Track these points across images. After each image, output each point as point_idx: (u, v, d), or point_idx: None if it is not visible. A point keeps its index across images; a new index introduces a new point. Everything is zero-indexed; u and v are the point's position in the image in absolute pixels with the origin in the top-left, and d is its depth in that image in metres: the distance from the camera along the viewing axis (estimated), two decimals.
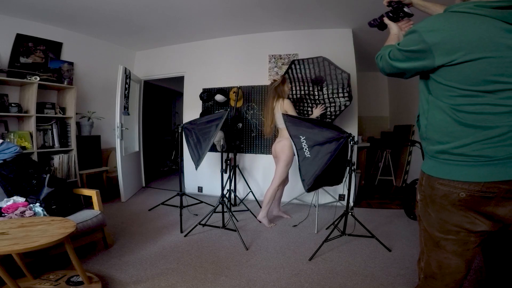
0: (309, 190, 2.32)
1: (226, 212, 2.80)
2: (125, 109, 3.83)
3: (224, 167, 2.82)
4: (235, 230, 2.54)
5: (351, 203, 3.34)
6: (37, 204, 2.06)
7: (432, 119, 0.94)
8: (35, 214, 1.96)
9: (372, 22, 1.32)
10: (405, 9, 1.21)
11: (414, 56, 0.92)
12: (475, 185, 0.85)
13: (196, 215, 3.21)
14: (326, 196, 3.66)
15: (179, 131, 2.86)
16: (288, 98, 2.92)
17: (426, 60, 0.89)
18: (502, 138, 0.81)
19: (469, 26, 0.82)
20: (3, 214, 1.88)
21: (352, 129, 3.61)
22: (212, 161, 4.12)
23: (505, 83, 0.79)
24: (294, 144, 2.37)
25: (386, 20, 1.24)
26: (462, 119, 0.86)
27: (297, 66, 3.23)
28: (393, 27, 1.21)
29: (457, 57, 0.83)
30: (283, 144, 2.77)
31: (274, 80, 2.89)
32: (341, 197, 3.68)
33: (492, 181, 0.83)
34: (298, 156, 2.35)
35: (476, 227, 0.90)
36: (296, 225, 2.92)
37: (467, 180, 0.86)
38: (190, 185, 4.35)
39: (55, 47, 3.52)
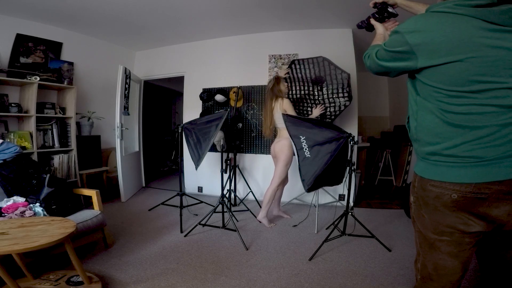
0: (309, 190, 2.32)
1: (226, 212, 2.80)
2: (125, 109, 3.83)
3: (224, 167, 2.82)
4: (235, 230, 2.54)
5: (351, 203, 3.33)
6: (37, 204, 2.06)
7: (421, 120, 0.94)
8: (35, 214, 1.96)
9: (360, 23, 1.35)
10: (389, 9, 1.22)
11: (398, 56, 0.92)
12: (467, 186, 0.84)
13: (196, 215, 3.21)
14: (326, 196, 3.66)
15: (179, 131, 2.86)
16: (288, 97, 2.91)
17: (410, 61, 0.89)
18: (491, 138, 0.80)
19: (449, 26, 0.81)
20: (3, 214, 1.88)
21: (352, 129, 3.60)
22: (212, 161, 4.12)
23: (489, 82, 0.79)
24: (294, 144, 2.37)
25: (372, 21, 1.26)
26: (450, 120, 0.85)
27: (297, 66, 3.22)
28: (378, 27, 1.23)
29: (439, 58, 0.82)
30: (282, 144, 2.77)
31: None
32: (341, 197, 3.68)
33: (483, 182, 0.82)
34: (298, 156, 2.35)
35: (470, 228, 0.89)
36: (296, 225, 2.92)
37: (458, 181, 0.86)
38: (190, 185, 4.35)
39: (55, 47, 3.52)
